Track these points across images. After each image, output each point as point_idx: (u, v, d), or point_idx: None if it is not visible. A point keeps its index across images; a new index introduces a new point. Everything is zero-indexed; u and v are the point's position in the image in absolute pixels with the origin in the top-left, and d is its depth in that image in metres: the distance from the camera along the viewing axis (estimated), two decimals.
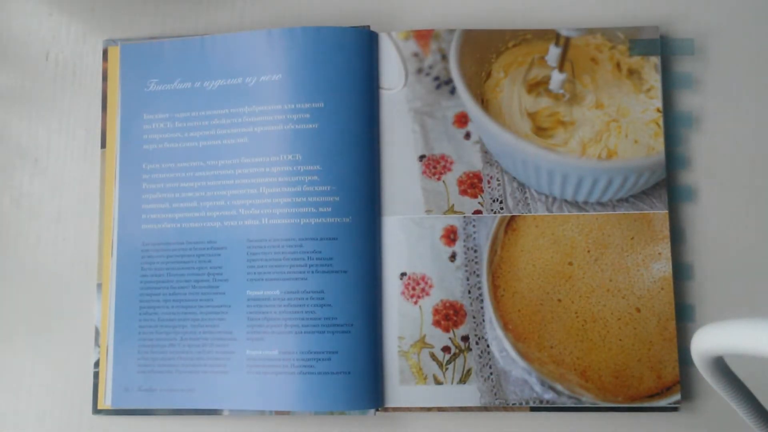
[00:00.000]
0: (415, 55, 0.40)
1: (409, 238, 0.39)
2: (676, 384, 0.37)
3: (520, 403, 0.37)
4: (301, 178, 0.38)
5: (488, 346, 0.38)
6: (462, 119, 0.40)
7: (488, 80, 0.40)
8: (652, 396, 0.37)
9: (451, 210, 0.39)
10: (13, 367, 0.40)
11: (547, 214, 0.39)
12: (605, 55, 0.40)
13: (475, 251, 0.39)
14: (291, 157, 0.38)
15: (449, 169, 0.39)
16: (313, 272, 0.38)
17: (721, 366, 0.23)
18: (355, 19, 0.42)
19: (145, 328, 0.39)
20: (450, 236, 0.39)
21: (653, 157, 0.39)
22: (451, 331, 0.38)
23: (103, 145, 0.41)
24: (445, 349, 0.38)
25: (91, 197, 0.41)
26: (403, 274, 0.39)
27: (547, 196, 0.39)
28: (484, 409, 0.37)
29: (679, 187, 0.40)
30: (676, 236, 0.39)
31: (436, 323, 0.38)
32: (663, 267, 0.38)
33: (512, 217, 0.39)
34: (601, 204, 0.39)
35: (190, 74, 0.40)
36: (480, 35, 0.40)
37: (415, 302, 0.38)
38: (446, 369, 0.38)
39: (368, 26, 0.40)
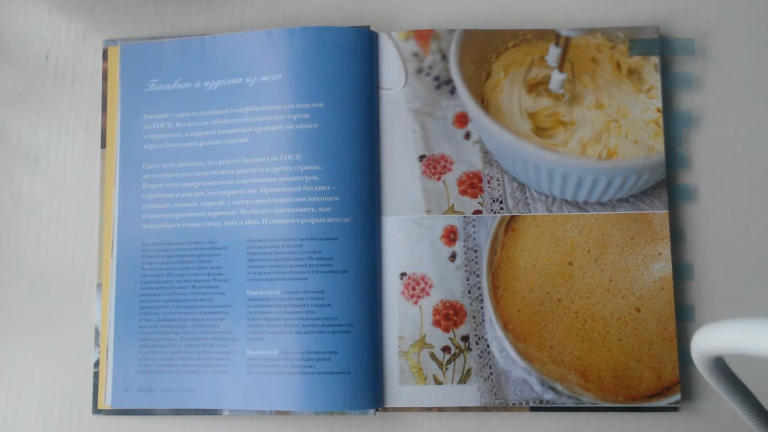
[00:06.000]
0: (415, 55, 0.40)
1: (409, 238, 0.39)
2: (676, 384, 0.37)
3: (520, 403, 0.37)
4: (301, 178, 0.38)
5: (488, 346, 0.38)
6: (462, 119, 0.40)
7: (488, 80, 0.40)
8: (652, 396, 0.37)
9: (451, 210, 0.39)
10: (13, 367, 0.40)
11: (547, 214, 0.39)
12: (605, 55, 0.40)
13: (475, 251, 0.39)
14: (291, 157, 0.38)
15: (449, 169, 0.39)
16: (313, 272, 0.38)
17: (721, 366, 0.23)
18: (355, 19, 0.42)
19: (145, 328, 0.39)
20: (450, 236, 0.39)
21: (653, 157, 0.39)
22: (451, 331, 0.38)
23: (103, 145, 0.41)
24: (445, 349, 0.38)
25: (91, 197, 0.41)
26: (403, 274, 0.39)
27: (547, 196, 0.39)
28: (484, 409, 0.37)
29: (679, 187, 0.40)
30: (676, 236, 0.39)
31: (436, 323, 0.38)
32: (663, 267, 0.38)
33: (512, 217, 0.39)
34: (601, 204, 0.39)
35: (190, 74, 0.40)
36: (480, 35, 0.40)
37: (415, 302, 0.38)
38: (446, 369, 0.38)
39: (368, 26, 0.40)
